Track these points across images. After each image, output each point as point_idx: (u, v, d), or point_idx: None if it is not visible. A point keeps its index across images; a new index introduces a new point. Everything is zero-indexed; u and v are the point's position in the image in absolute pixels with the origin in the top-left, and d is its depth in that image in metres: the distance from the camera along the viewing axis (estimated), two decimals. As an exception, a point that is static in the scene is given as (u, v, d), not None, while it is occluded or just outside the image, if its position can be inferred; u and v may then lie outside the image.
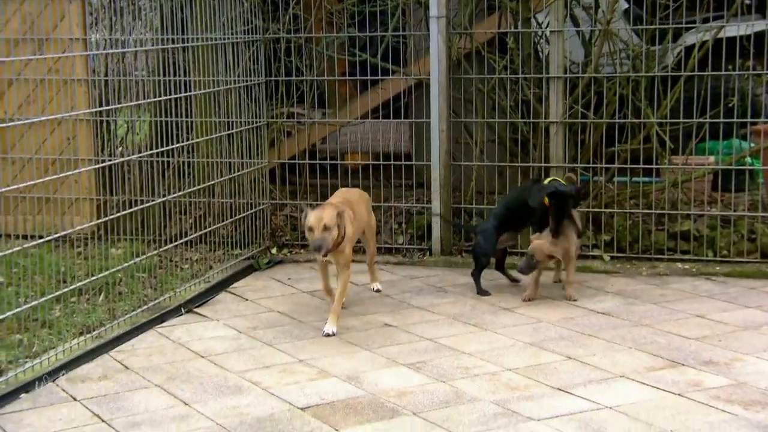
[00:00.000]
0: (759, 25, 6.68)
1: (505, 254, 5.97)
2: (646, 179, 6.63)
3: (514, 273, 5.85)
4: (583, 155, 6.53)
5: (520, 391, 4.22)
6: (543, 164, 6.44)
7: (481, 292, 5.74)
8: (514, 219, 5.86)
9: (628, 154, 6.43)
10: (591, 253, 6.35)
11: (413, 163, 6.96)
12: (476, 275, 5.81)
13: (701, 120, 6.25)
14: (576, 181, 5.94)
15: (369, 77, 6.86)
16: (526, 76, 6.52)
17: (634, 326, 5.08)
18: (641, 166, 6.40)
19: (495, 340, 4.91)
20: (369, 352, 4.78)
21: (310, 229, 4.99)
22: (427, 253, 6.59)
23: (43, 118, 6.06)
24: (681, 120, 6.29)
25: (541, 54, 6.69)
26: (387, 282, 6.05)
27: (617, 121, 6.38)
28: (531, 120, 6.55)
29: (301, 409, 4.09)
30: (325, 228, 4.97)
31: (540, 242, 5.53)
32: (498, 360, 4.62)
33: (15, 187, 5.07)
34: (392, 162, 6.91)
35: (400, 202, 7.00)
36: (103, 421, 4.00)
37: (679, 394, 4.15)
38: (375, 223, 5.79)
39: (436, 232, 6.53)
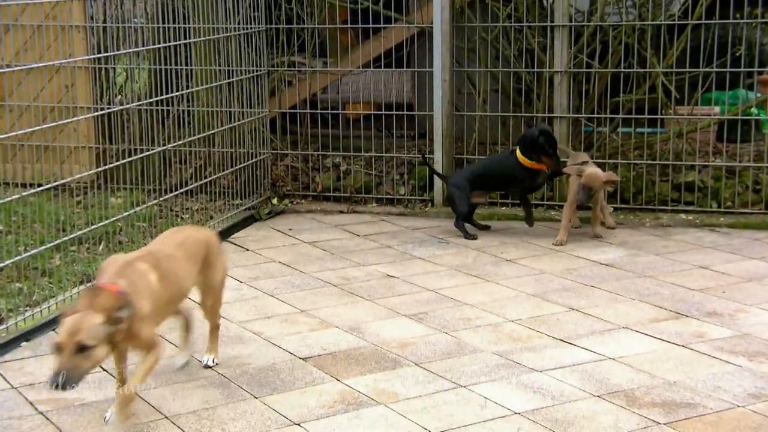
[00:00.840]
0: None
1: (475, 207, 6.01)
2: (651, 130, 6.56)
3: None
4: (588, 105, 6.46)
5: (523, 342, 4.21)
6: (546, 114, 6.37)
7: (468, 236, 5.84)
8: (488, 182, 6.01)
9: (633, 104, 6.36)
10: (594, 205, 6.30)
11: (415, 113, 6.89)
12: (458, 224, 5.92)
13: (707, 69, 6.17)
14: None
15: (371, 25, 6.76)
16: (531, 24, 6.42)
17: (638, 277, 5.06)
18: (646, 116, 6.34)
19: (497, 292, 4.89)
20: (371, 303, 4.76)
21: (58, 349, 3.11)
22: (429, 204, 6.55)
23: (40, 65, 5.98)
24: (687, 69, 6.21)
25: (545, 2, 6.58)
26: (389, 233, 6.02)
27: (622, 70, 6.30)
28: (535, 69, 6.47)
29: (303, 359, 4.07)
30: (81, 349, 3.10)
31: (593, 170, 5.61)
32: (500, 311, 4.60)
33: (13, 134, 5.02)
34: (394, 112, 6.83)
35: (402, 153, 6.94)
36: (103, 369, 3.98)
37: (682, 346, 4.14)
38: (220, 279, 3.91)
39: (437, 182, 6.48)
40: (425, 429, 3.43)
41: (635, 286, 4.91)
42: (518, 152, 5.77)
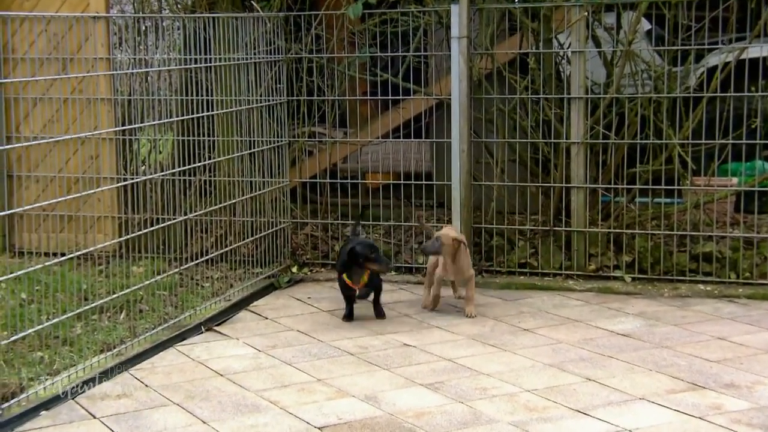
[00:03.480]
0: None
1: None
2: (668, 200, 6.60)
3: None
4: (605, 176, 6.52)
5: (539, 413, 4.20)
6: (564, 184, 6.43)
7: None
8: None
9: (650, 175, 6.40)
10: (612, 274, 6.32)
11: (434, 182, 6.97)
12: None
13: (723, 141, 6.22)
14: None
15: (390, 97, 6.88)
16: (547, 96, 6.52)
17: (655, 348, 5.05)
18: (663, 187, 6.38)
19: (514, 361, 4.89)
20: (388, 372, 4.77)
21: None
22: (448, 273, 6.58)
23: (67, 137, 6.12)
24: (703, 141, 6.27)
25: (562, 74, 6.69)
26: (407, 302, 6.04)
27: (639, 141, 6.36)
28: (552, 140, 6.55)
29: (319, 428, 4.08)
30: None
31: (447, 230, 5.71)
32: (517, 381, 4.60)
33: (38, 204, 5.12)
34: (413, 181, 6.91)
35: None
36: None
37: (699, 417, 4.12)
38: None
39: (456, 252, 6.52)
40: (439, 500, 3.43)
41: (652, 357, 4.90)
42: (344, 276, 5.64)
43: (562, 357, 4.93)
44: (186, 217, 6.10)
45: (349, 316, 5.71)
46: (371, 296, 5.78)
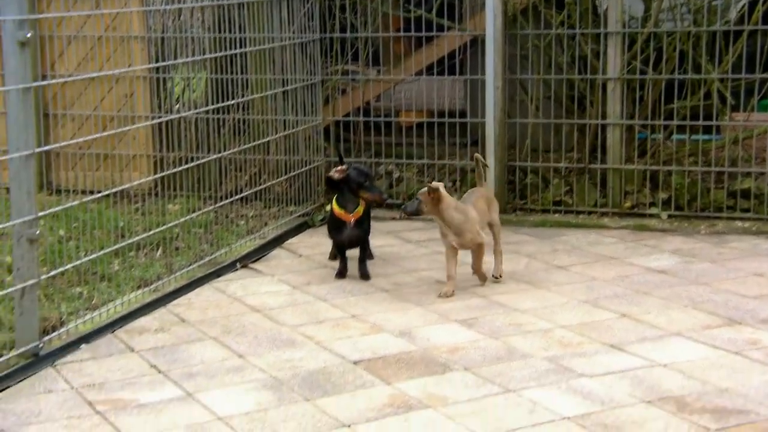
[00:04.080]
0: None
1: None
2: (706, 136, 6.51)
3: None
4: (641, 112, 6.43)
5: (573, 348, 4.21)
6: (600, 121, 6.36)
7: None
8: None
9: (688, 111, 6.31)
10: (648, 212, 6.27)
11: (468, 120, 6.91)
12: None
13: (764, 76, 6.10)
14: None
15: (424, 34, 6.80)
16: (584, 31, 6.42)
17: (691, 284, 5.02)
18: (701, 122, 6.28)
19: (548, 298, 4.89)
20: (421, 308, 4.79)
21: None
22: (482, 211, 6.55)
23: (101, 74, 6.13)
24: (743, 76, 6.15)
25: (599, 9, 6.58)
26: (439, 240, 6.02)
27: (677, 77, 6.25)
28: (588, 76, 6.46)
29: (354, 362, 4.12)
30: None
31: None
32: (551, 317, 4.60)
33: (74, 142, 5.16)
34: (446, 119, 6.87)
35: (455, 160, 6.96)
36: (159, 371, 4.08)
37: (735, 353, 4.10)
38: None
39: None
40: (474, 432, 3.46)
41: (688, 293, 4.88)
42: (334, 203, 5.20)
43: (597, 294, 4.92)
44: (220, 155, 6.12)
45: (342, 273, 5.24)
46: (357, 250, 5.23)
